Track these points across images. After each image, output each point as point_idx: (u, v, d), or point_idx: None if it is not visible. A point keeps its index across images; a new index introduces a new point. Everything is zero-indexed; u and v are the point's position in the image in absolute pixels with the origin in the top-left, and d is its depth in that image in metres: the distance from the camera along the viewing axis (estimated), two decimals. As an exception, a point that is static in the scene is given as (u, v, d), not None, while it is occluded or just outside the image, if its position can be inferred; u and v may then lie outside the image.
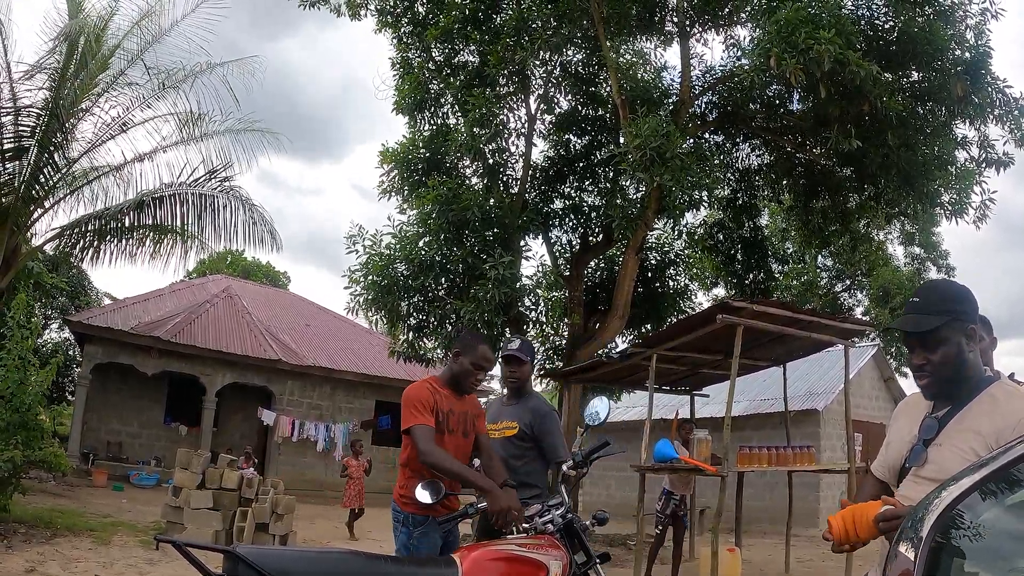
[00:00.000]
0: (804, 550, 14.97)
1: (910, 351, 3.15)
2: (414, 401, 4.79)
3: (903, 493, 3.07)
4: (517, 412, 5.65)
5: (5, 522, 11.39)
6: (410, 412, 4.76)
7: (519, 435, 5.55)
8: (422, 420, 4.70)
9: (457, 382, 5.08)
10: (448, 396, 5.00)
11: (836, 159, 14.75)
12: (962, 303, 3.07)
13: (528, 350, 5.76)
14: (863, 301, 33.47)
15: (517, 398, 5.76)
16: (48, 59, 16.41)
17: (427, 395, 4.84)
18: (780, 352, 12.68)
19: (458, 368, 5.06)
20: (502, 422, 5.67)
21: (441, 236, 14.26)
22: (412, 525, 4.77)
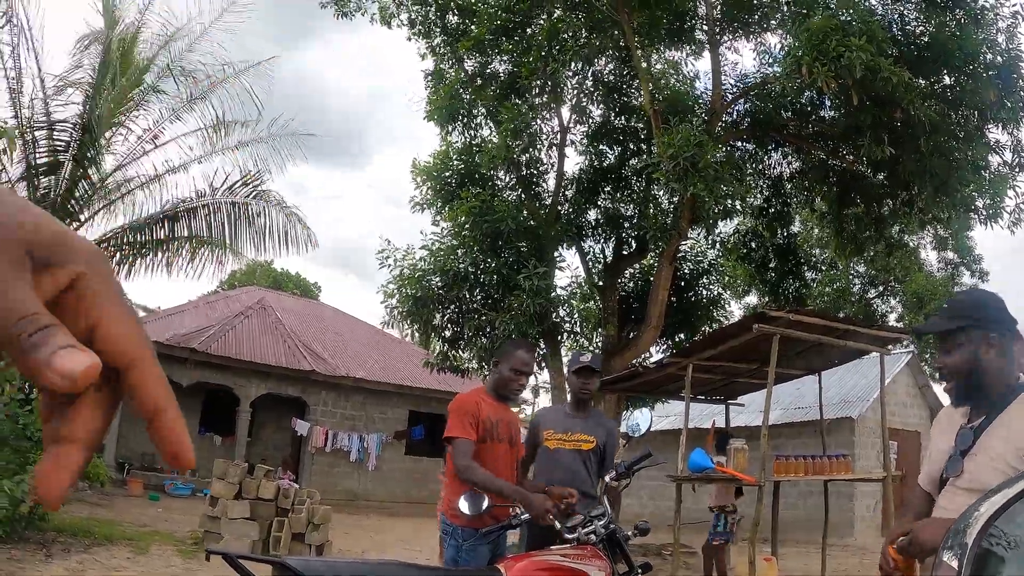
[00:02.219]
0: (840, 560, 14.90)
1: (937, 354, 3.24)
2: (459, 411, 4.87)
3: (941, 504, 3.10)
4: (591, 427, 5.61)
5: (43, 531, 11.47)
6: (453, 422, 4.83)
7: (595, 450, 5.53)
8: (463, 433, 4.76)
9: (499, 390, 5.17)
10: (494, 405, 5.09)
11: (869, 166, 14.69)
12: (982, 310, 3.11)
13: (600, 362, 5.82)
14: (896, 308, 33.20)
15: (584, 411, 5.72)
16: (80, 73, 16.55)
17: (473, 405, 4.91)
18: (816, 361, 12.60)
19: (498, 376, 5.16)
20: (575, 434, 5.58)
21: (475, 248, 14.31)
22: (461, 538, 4.80)
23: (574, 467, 5.41)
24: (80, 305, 0.65)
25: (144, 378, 0.66)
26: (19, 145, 15.59)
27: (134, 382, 0.65)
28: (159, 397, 0.66)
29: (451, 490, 4.94)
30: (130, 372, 0.65)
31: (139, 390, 0.65)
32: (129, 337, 0.66)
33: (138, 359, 0.66)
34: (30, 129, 15.90)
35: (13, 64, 15.62)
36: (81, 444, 0.64)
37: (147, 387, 0.66)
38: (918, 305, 31.04)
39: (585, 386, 5.63)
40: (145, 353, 0.66)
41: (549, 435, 5.58)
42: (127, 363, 0.65)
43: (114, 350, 0.65)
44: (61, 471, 0.63)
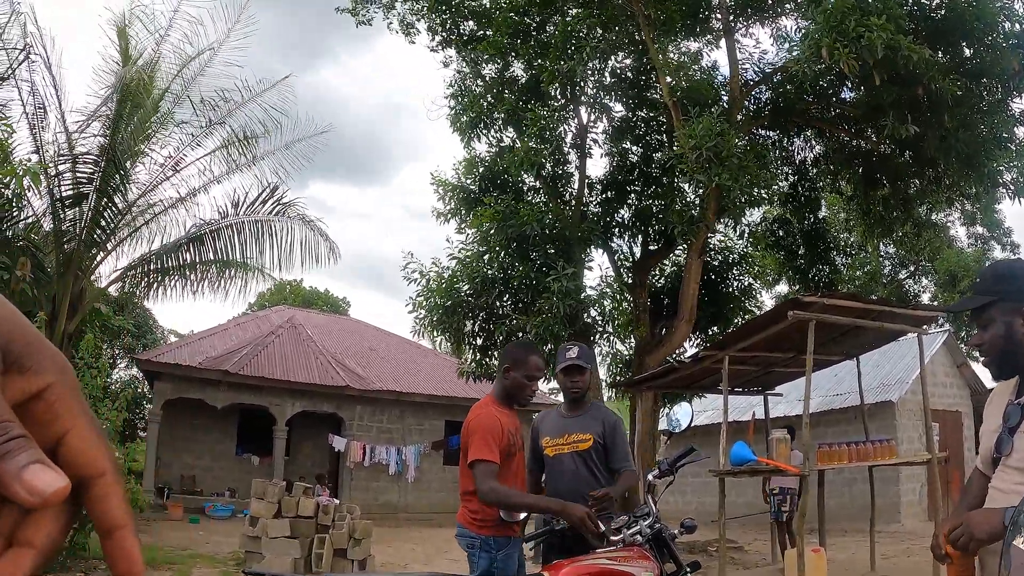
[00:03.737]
0: (888, 546, 14.71)
1: (973, 330, 3.16)
2: (485, 433, 4.71)
3: (995, 484, 3.01)
4: (586, 423, 5.38)
5: (84, 559, 11.51)
6: (479, 444, 4.67)
7: (594, 447, 5.30)
8: (489, 456, 4.61)
9: (511, 397, 5.00)
10: (508, 415, 4.92)
11: (894, 145, 14.54)
12: (1011, 282, 3.02)
13: (588, 357, 5.51)
14: (929, 287, 32.97)
15: (579, 408, 5.50)
16: (101, 107, 16.64)
17: (495, 423, 4.75)
18: (852, 345, 12.46)
19: (510, 383, 4.96)
20: (571, 435, 5.39)
21: (502, 253, 14.27)
22: (495, 548, 4.69)
23: (575, 470, 5.24)
24: (48, 415, 0.65)
25: (106, 493, 0.66)
26: (43, 179, 15.69)
27: (96, 497, 0.65)
28: (118, 515, 0.66)
29: (478, 501, 4.78)
30: (93, 487, 0.65)
31: (100, 505, 0.66)
32: (95, 452, 0.66)
33: (102, 475, 0.66)
34: (54, 163, 16.00)
35: (33, 100, 15.73)
36: (38, 552, 0.64)
37: (108, 503, 0.66)
38: (951, 283, 30.82)
39: (574, 384, 5.42)
40: (109, 469, 0.66)
41: (547, 442, 5.45)
42: (90, 478, 0.65)
43: (80, 463, 0.65)
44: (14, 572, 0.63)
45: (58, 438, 0.64)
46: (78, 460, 0.64)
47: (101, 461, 0.65)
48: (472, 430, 4.75)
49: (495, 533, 4.69)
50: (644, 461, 14.09)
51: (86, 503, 0.65)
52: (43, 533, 0.63)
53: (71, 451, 0.64)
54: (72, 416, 0.65)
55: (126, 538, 0.66)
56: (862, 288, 28.61)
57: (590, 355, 5.62)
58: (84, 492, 0.65)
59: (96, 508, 0.65)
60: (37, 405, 0.64)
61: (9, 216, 15.43)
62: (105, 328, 25.00)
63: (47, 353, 0.65)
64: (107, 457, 0.66)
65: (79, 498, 0.65)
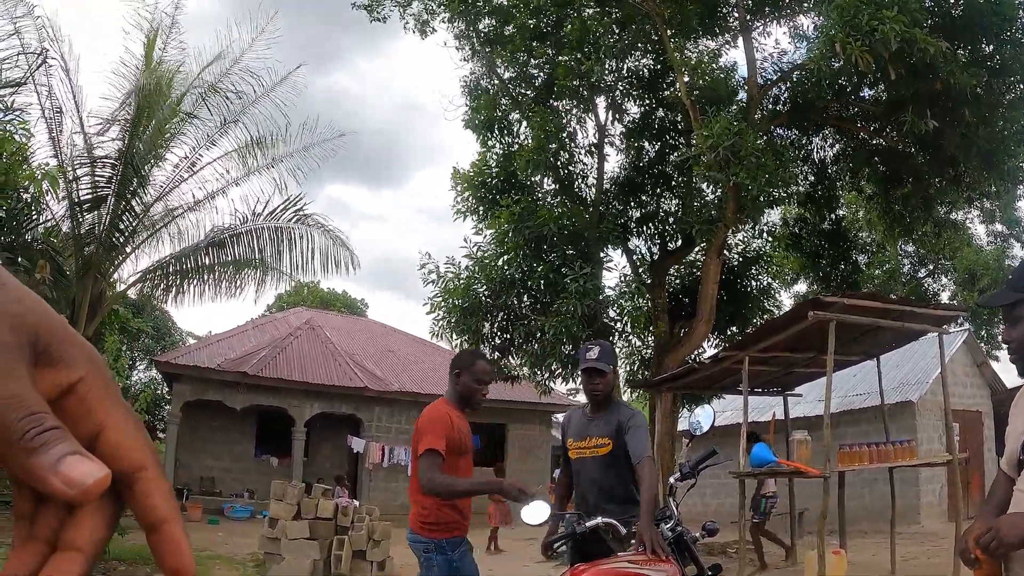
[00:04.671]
0: (908, 548, 14.62)
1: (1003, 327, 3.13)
2: (435, 425, 4.81)
3: (1020, 487, 2.97)
4: (604, 426, 5.27)
5: (105, 561, 11.53)
6: (430, 437, 4.75)
7: (613, 451, 5.19)
8: (437, 446, 4.70)
9: (464, 401, 5.11)
10: (460, 416, 5.03)
11: (913, 143, 14.45)
12: None
13: (609, 357, 5.37)
14: (948, 285, 32.80)
15: (601, 410, 5.38)
16: (119, 111, 16.69)
17: (444, 419, 4.85)
18: (872, 345, 12.40)
19: (461, 388, 5.09)
20: (592, 439, 5.30)
21: (519, 253, 14.26)
22: (450, 549, 4.77)
23: (596, 474, 5.19)
24: (83, 409, 0.62)
25: (150, 488, 0.62)
26: (62, 183, 15.74)
27: (139, 492, 0.62)
28: (164, 509, 0.63)
29: (429, 503, 4.86)
30: (136, 482, 0.62)
31: (144, 500, 0.62)
32: (134, 445, 0.63)
33: (143, 468, 0.63)
34: (72, 167, 16.06)
35: (51, 104, 15.79)
36: (85, 554, 0.61)
37: (154, 497, 0.62)
38: (970, 281, 30.65)
39: (595, 387, 5.31)
40: (152, 460, 0.63)
41: (571, 444, 5.42)
42: (133, 472, 0.62)
43: (120, 456, 0.61)
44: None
45: (95, 433, 0.62)
46: (118, 454, 0.61)
47: (141, 454, 0.63)
48: (421, 427, 4.85)
49: (447, 535, 4.78)
50: (664, 462, 14.05)
51: (128, 499, 0.62)
52: (87, 534, 0.60)
53: (109, 445, 0.61)
54: (108, 409, 0.62)
55: (174, 532, 0.62)
56: (881, 287, 28.47)
57: (612, 356, 5.45)
58: (126, 488, 0.62)
59: (140, 503, 0.62)
60: (70, 400, 0.61)
61: (28, 220, 15.48)
62: (124, 330, 25.10)
63: (77, 345, 0.63)
64: (148, 449, 0.63)
65: (121, 495, 0.62)
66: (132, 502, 0.62)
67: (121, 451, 0.61)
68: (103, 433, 0.61)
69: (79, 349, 0.63)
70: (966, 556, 2.93)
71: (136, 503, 0.62)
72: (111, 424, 0.62)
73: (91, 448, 0.59)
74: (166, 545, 0.62)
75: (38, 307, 0.61)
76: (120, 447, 0.61)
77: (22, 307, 0.59)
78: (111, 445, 0.61)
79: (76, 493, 0.55)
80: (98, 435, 0.61)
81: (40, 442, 0.55)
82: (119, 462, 0.61)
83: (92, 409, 0.61)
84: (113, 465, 0.59)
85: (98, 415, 0.61)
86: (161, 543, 0.62)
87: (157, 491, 0.62)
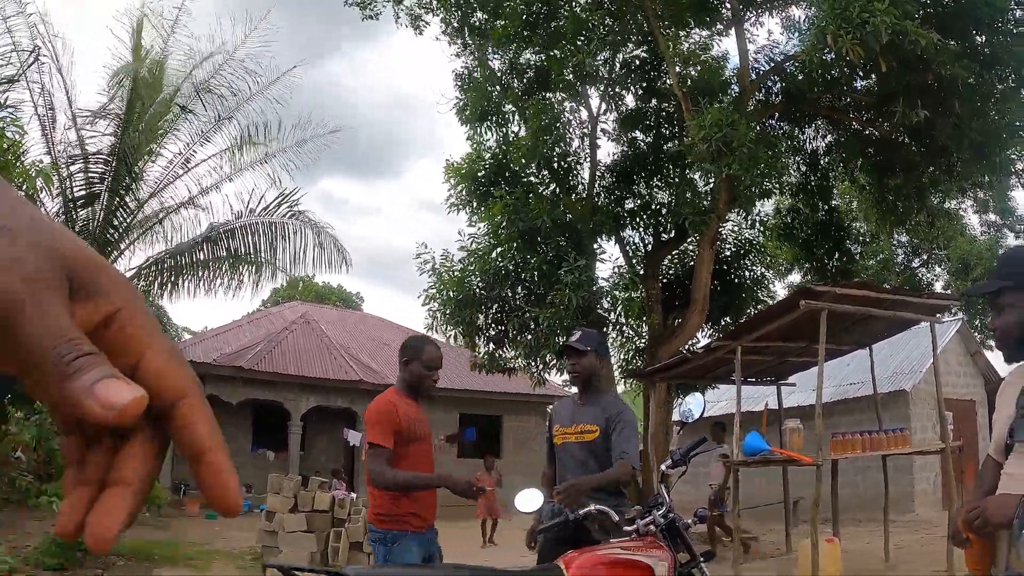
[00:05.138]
0: (902, 536, 14.70)
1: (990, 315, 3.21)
2: (377, 420, 4.81)
3: (1009, 471, 3.03)
4: (594, 413, 5.32)
5: (104, 556, 11.55)
6: (373, 429, 4.78)
7: (601, 438, 5.25)
8: (380, 441, 4.71)
9: (414, 389, 5.08)
10: (410, 404, 5.01)
11: (906, 134, 14.49)
12: None
13: (589, 339, 5.44)
14: (942, 275, 32.85)
15: (590, 395, 5.44)
16: (111, 105, 16.69)
17: (389, 409, 4.84)
18: (864, 334, 12.44)
19: (410, 375, 5.07)
20: (579, 424, 5.36)
21: (513, 245, 14.29)
22: (390, 541, 4.77)
23: (582, 459, 5.24)
24: (121, 339, 0.62)
25: (194, 416, 0.62)
26: (56, 180, 15.74)
27: (182, 420, 0.62)
28: (208, 436, 0.63)
29: (379, 495, 4.88)
30: (178, 409, 0.62)
31: (187, 428, 0.62)
32: (177, 372, 0.63)
33: (184, 396, 0.62)
34: (66, 164, 16.05)
35: (44, 101, 15.78)
36: (134, 488, 0.61)
37: (196, 425, 0.62)
38: (964, 271, 30.69)
39: (572, 367, 5.43)
40: (194, 388, 0.63)
41: (557, 430, 5.46)
42: (175, 400, 0.62)
43: (161, 385, 0.61)
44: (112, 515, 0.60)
45: (135, 362, 0.62)
46: (158, 383, 0.61)
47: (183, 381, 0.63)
48: (367, 419, 4.87)
49: (391, 527, 4.78)
50: (658, 452, 14.11)
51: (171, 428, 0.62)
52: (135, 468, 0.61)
53: (149, 374, 0.61)
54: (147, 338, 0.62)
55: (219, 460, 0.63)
56: (875, 277, 28.51)
57: (593, 339, 5.52)
58: (168, 418, 0.62)
59: (184, 432, 0.62)
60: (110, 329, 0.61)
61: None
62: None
63: (114, 276, 0.63)
64: (189, 377, 0.63)
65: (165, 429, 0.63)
66: (174, 431, 0.62)
67: (162, 378, 0.62)
68: (143, 361, 0.62)
69: (116, 281, 0.63)
70: (958, 538, 2.99)
71: (178, 432, 0.62)
72: (151, 352, 0.62)
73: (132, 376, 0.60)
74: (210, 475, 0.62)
75: (73, 241, 0.61)
76: (161, 375, 0.62)
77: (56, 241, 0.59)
78: (151, 373, 0.61)
79: (113, 415, 0.55)
80: (138, 363, 0.62)
81: (76, 368, 0.55)
82: (160, 390, 0.61)
83: (132, 338, 0.62)
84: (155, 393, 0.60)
85: (138, 344, 0.62)
86: (205, 473, 0.62)
87: (200, 419, 0.62)
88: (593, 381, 5.49)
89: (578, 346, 5.37)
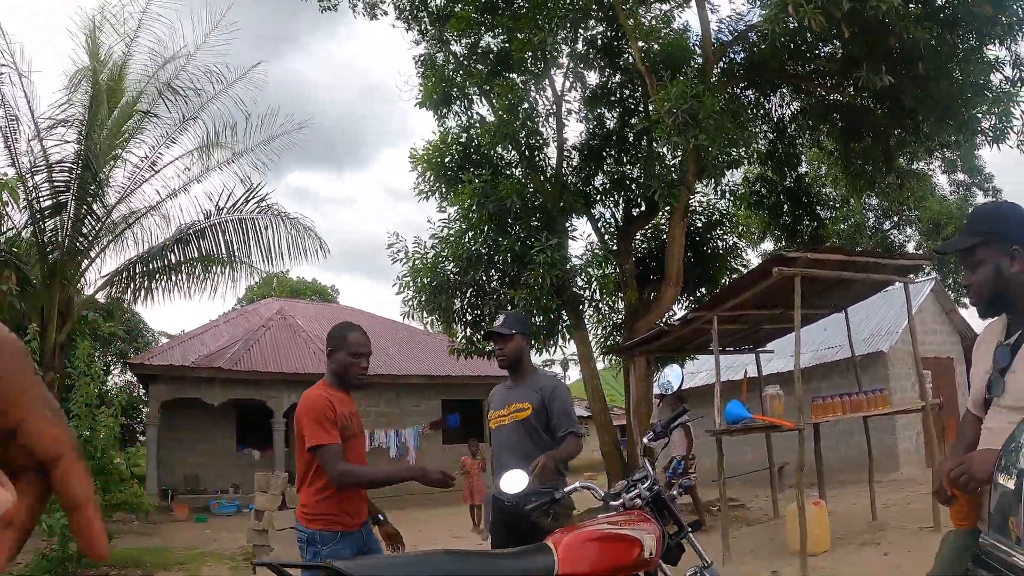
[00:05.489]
0: (888, 495, 14.81)
1: (962, 271, 3.19)
2: (316, 415, 4.55)
3: (987, 425, 3.05)
4: (525, 392, 5.32)
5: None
6: (314, 430, 4.52)
7: (534, 415, 5.25)
8: (328, 439, 4.50)
9: (343, 379, 4.84)
10: (343, 398, 4.79)
11: (871, 97, 14.54)
12: (1003, 223, 3.06)
13: (513, 322, 5.43)
14: (914, 236, 33.04)
15: (519, 377, 5.45)
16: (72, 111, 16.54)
17: (326, 405, 4.61)
18: (839, 297, 12.50)
19: (337, 365, 4.83)
20: (511, 405, 5.36)
21: (484, 228, 14.27)
22: (320, 543, 4.54)
23: (513, 439, 5.23)
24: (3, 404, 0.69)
25: (67, 473, 0.71)
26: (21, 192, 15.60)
27: (57, 478, 0.71)
28: (79, 493, 0.72)
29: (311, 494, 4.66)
30: (54, 469, 0.71)
31: (61, 486, 0.71)
32: (54, 436, 0.71)
33: (61, 457, 0.71)
34: (31, 174, 15.92)
35: (4, 112, 15.64)
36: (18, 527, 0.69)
37: (69, 483, 0.71)
38: (935, 230, 30.88)
39: (500, 352, 5.41)
40: (68, 450, 0.72)
41: (491, 416, 5.47)
42: (51, 460, 0.71)
43: (40, 446, 0.70)
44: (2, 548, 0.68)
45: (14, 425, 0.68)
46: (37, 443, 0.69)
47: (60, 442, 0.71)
48: (302, 416, 4.61)
49: (322, 528, 4.57)
50: (641, 426, 14.13)
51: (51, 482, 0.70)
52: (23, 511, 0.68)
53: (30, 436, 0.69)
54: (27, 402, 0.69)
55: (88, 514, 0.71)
56: (848, 240, 28.67)
57: (516, 321, 5.50)
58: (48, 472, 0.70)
59: (59, 489, 0.70)
60: None
61: (-10, 231, 15.42)
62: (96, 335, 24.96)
63: None
64: (66, 438, 0.71)
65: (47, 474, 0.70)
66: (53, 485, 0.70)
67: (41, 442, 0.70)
68: (24, 424, 0.69)
69: None
70: (942, 494, 3.00)
71: (56, 487, 0.71)
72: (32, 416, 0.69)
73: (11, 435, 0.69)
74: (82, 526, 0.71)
75: None
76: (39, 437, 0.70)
77: None
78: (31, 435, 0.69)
79: None
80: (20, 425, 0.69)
81: None
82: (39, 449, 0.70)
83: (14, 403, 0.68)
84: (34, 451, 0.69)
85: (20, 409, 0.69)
86: (77, 524, 0.71)
87: (74, 476, 0.71)
88: (523, 362, 5.48)
89: (503, 330, 5.37)
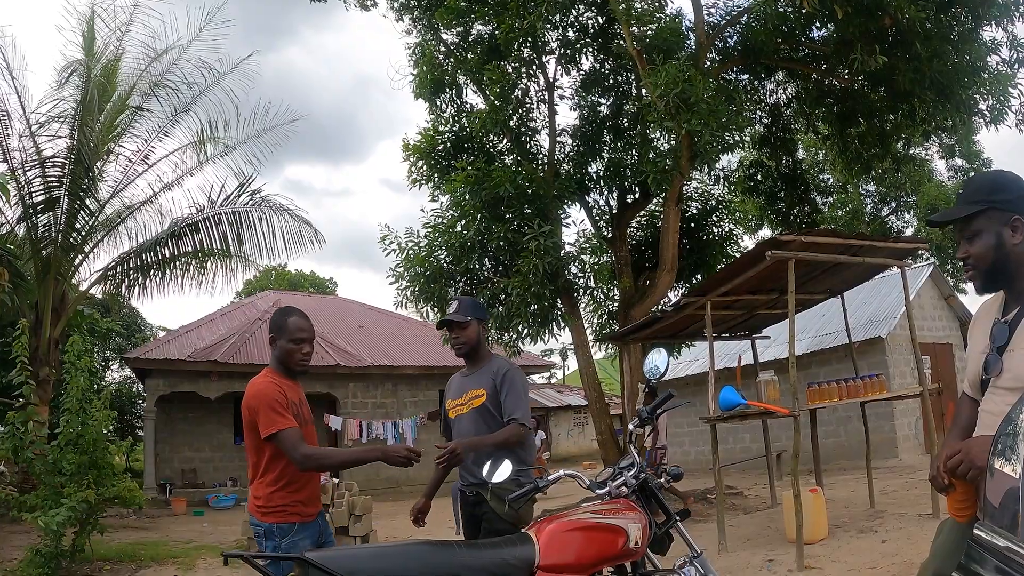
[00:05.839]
0: (887, 481, 14.76)
1: (956, 245, 3.05)
2: (268, 401, 4.44)
3: (985, 408, 2.94)
4: (481, 379, 5.24)
5: (90, 562, 11.47)
6: (270, 416, 4.41)
7: (489, 400, 5.16)
8: (285, 423, 4.41)
9: (286, 366, 4.75)
10: (291, 385, 4.71)
11: (866, 80, 14.44)
12: (1002, 191, 2.91)
13: (468, 308, 5.35)
14: (912, 222, 32.97)
15: (476, 364, 5.37)
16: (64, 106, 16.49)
17: (277, 391, 4.51)
18: (835, 282, 12.40)
19: (279, 352, 4.73)
20: (468, 393, 5.29)
21: (477, 217, 14.19)
22: (278, 536, 4.45)
23: (470, 427, 5.16)
24: None
25: None
26: (14, 188, 15.57)
27: None
28: None
29: (265, 485, 4.55)
30: None
31: None
32: None
33: None
34: (23, 170, 15.87)
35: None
36: None
37: None
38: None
39: (455, 340, 5.34)
40: None
41: (449, 405, 5.39)
42: None
43: None
44: None
45: None
46: None
47: None
48: (254, 405, 4.48)
49: (279, 520, 4.48)
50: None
51: None
52: None
53: None
54: None
55: None
56: (845, 227, 28.56)
57: (470, 307, 5.41)
58: None
59: None
60: None
61: (-18, 228, 15.37)
62: (93, 331, 24.95)
63: None
64: None
65: None
66: None
67: None
68: None
69: None
70: (938, 482, 2.89)
71: None
72: None
73: None
74: None
75: None
76: None
77: None
78: None
79: None
80: None
81: None
82: None
83: None
84: None
85: None
86: None
87: None
88: (479, 349, 5.41)
89: (457, 318, 5.28)
